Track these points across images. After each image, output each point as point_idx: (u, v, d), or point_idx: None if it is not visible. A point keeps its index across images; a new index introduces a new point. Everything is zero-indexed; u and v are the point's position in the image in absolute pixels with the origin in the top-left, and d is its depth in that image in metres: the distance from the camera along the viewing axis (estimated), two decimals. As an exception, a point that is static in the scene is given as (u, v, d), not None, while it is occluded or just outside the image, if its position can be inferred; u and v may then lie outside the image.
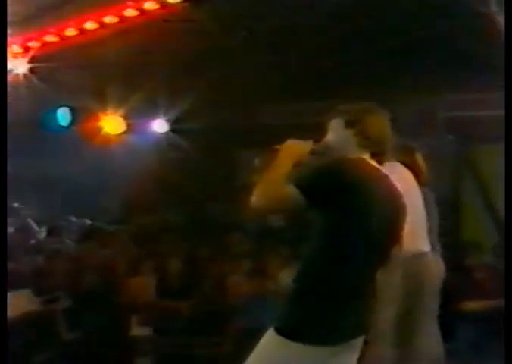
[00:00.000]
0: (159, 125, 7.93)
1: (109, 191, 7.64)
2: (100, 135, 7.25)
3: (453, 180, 6.72)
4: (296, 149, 2.32)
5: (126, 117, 7.38)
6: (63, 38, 5.40)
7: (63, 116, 6.75)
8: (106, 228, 7.28)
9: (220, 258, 6.02)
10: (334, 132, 2.38)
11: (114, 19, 5.14)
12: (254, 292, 5.11)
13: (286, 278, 4.19)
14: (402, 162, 3.39)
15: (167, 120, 7.87)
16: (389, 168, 2.60)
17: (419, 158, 3.55)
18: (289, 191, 2.14)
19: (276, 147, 2.32)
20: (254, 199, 2.18)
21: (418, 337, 3.39)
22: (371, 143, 2.32)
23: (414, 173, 3.45)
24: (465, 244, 5.76)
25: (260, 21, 4.99)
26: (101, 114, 7.22)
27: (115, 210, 8.02)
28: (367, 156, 2.32)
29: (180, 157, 7.81)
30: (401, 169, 3.34)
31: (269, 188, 2.19)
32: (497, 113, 4.09)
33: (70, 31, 5.33)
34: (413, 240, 3.18)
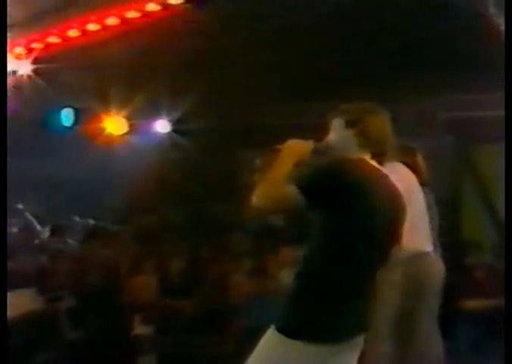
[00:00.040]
0: (161, 125, 7.96)
1: (112, 191, 7.63)
2: (103, 135, 7.28)
3: (453, 180, 6.70)
4: (297, 149, 2.32)
5: (129, 117, 7.41)
6: (66, 39, 5.42)
7: (66, 117, 6.78)
8: (109, 228, 7.23)
9: (221, 257, 6.00)
10: (335, 131, 2.38)
11: (116, 20, 5.16)
12: (255, 291, 5.10)
13: (287, 278, 4.17)
14: (403, 162, 3.40)
15: (170, 120, 7.90)
16: (391, 168, 2.59)
17: (419, 159, 3.56)
18: (290, 191, 2.14)
19: (278, 147, 2.32)
20: (255, 199, 2.19)
21: (418, 337, 3.39)
22: (371, 143, 2.32)
23: (415, 173, 3.47)
24: (465, 244, 5.76)
25: (260, 21, 4.98)
26: (104, 114, 7.25)
27: (118, 210, 8.00)
28: (368, 156, 2.31)
29: (182, 157, 7.83)
30: (403, 169, 3.36)
31: (269, 188, 2.19)
32: (497, 113, 4.10)
33: (73, 32, 5.35)
34: (415, 240, 3.25)
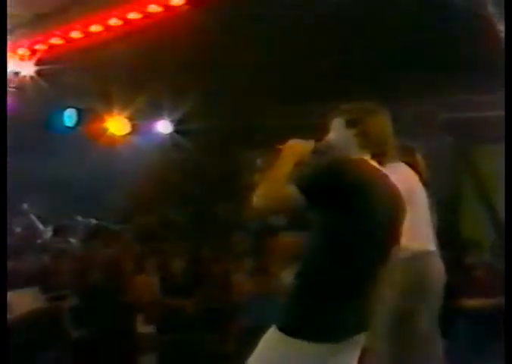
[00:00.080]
0: (163, 126, 7.98)
1: (114, 191, 7.66)
2: (105, 136, 7.31)
3: (453, 180, 6.69)
4: (298, 149, 2.32)
5: (131, 118, 7.44)
6: (69, 40, 5.46)
7: (69, 117, 6.81)
8: (111, 228, 7.25)
9: (222, 257, 6.01)
10: (335, 131, 2.38)
11: (119, 22, 5.19)
12: (256, 291, 5.10)
13: (288, 277, 4.20)
14: (403, 162, 3.44)
15: (171, 121, 7.92)
16: (393, 168, 2.62)
17: (418, 159, 3.54)
18: (290, 191, 2.14)
19: (278, 147, 2.33)
20: (256, 199, 2.19)
21: (418, 337, 3.36)
22: (372, 144, 2.32)
23: (415, 173, 3.51)
24: (464, 243, 5.76)
25: (261, 22, 4.99)
26: (107, 115, 7.28)
27: (120, 210, 8.02)
28: (368, 157, 2.31)
29: (184, 157, 7.83)
30: (406, 169, 3.36)
31: (270, 188, 2.19)
32: (497, 113, 4.12)
33: (76, 34, 5.39)
34: (418, 239, 3.25)
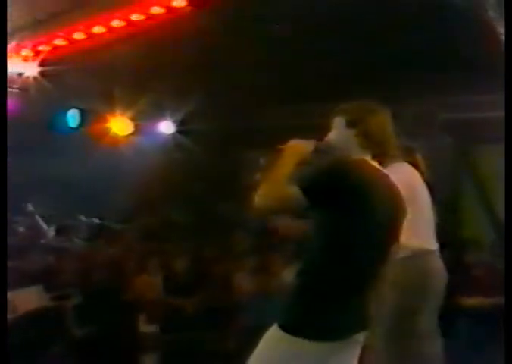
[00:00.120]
0: (166, 126, 8.00)
1: (117, 191, 7.68)
2: (108, 136, 7.33)
3: (452, 180, 6.71)
4: (299, 149, 2.32)
5: (134, 118, 7.46)
6: (72, 42, 5.49)
7: (72, 118, 6.84)
8: (114, 227, 7.31)
9: (224, 256, 6.01)
10: (336, 131, 2.39)
11: (122, 23, 5.24)
12: (258, 290, 5.13)
13: (289, 276, 4.20)
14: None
15: (174, 121, 7.94)
16: (397, 168, 2.63)
17: (418, 158, 3.57)
18: (291, 191, 2.15)
19: (280, 147, 2.33)
20: (257, 199, 2.20)
21: (418, 337, 3.35)
22: (372, 144, 2.32)
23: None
24: (464, 242, 5.79)
25: (262, 23, 5.02)
26: (110, 115, 7.30)
27: (123, 209, 8.05)
28: (368, 157, 2.32)
29: (186, 157, 7.83)
30: (409, 169, 3.36)
31: (271, 188, 2.20)
32: (496, 114, 4.13)
33: (79, 35, 5.43)
34: (420, 238, 3.25)
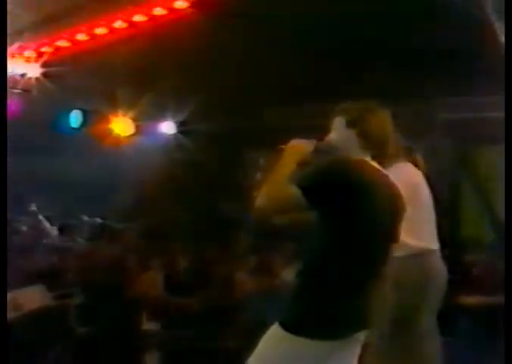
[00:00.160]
0: (167, 127, 8.04)
1: (119, 191, 7.73)
2: (110, 136, 7.37)
3: (452, 180, 6.75)
4: (300, 148, 2.33)
5: (136, 119, 7.49)
6: (74, 43, 5.55)
7: (75, 118, 6.89)
8: (116, 227, 7.30)
9: (226, 256, 6.02)
10: (336, 131, 2.39)
11: (124, 24, 5.27)
12: (259, 289, 5.15)
13: (290, 275, 4.18)
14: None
15: (175, 122, 7.98)
16: (400, 168, 2.66)
17: (419, 159, 3.55)
18: (292, 192, 2.17)
19: (281, 147, 2.35)
20: (259, 200, 2.22)
21: (418, 336, 3.38)
22: (372, 144, 2.33)
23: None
24: (464, 242, 5.83)
25: (263, 24, 5.05)
26: (112, 116, 7.35)
27: (125, 209, 8.08)
28: (368, 157, 2.33)
29: (188, 158, 7.86)
30: (412, 168, 3.40)
31: (272, 189, 2.22)
32: (496, 115, 4.16)
33: (82, 36, 5.48)
34: (421, 238, 3.28)
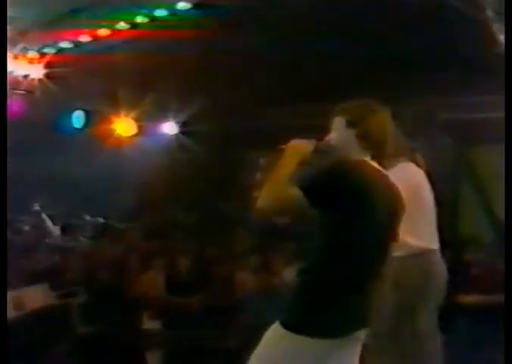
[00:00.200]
0: (169, 127, 8.07)
1: (121, 191, 7.74)
2: (112, 137, 7.41)
3: (453, 181, 6.75)
4: (300, 148, 2.32)
5: (138, 119, 7.54)
6: (77, 44, 5.60)
7: (77, 119, 6.94)
8: (118, 226, 7.32)
9: (227, 255, 6.04)
10: (336, 131, 2.38)
11: (126, 26, 5.34)
12: (260, 288, 5.17)
13: (290, 275, 4.18)
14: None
15: (177, 122, 8.01)
16: (403, 168, 2.66)
17: (419, 159, 3.58)
18: (292, 192, 2.17)
19: (281, 147, 2.34)
20: (260, 201, 2.21)
21: (418, 336, 3.36)
22: (372, 144, 2.32)
23: None
24: (463, 241, 5.83)
25: (264, 25, 5.09)
26: (114, 116, 7.39)
27: (126, 209, 8.10)
28: (368, 157, 2.32)
29: (189, 158, 7.86)
30: (414, 168, 3.39)
31: (272, 189, 2.22)
32: (496, 115, 4.17)
33: (84, 37, 5.53)
34: (422, 237, 3.27)
